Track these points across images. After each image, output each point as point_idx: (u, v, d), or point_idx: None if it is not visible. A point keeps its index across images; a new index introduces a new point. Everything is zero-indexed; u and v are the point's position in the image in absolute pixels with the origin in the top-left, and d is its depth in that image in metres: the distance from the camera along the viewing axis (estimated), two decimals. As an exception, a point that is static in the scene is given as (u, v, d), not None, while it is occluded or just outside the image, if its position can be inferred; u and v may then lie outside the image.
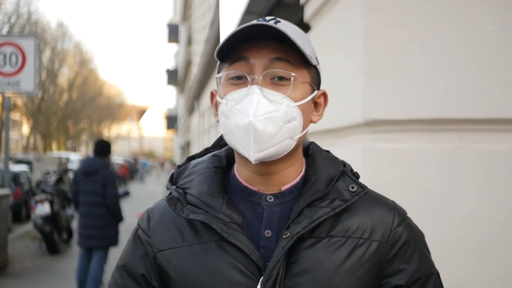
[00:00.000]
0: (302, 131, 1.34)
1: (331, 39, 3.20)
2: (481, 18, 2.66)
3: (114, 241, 7.37)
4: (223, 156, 1.46)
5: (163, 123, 78.36)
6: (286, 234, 1.29)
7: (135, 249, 1.41)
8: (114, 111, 65.22)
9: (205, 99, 19.91)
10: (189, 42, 29.37)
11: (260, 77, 1.28)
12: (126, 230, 8.09)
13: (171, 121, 54.14)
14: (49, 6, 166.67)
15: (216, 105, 1.42)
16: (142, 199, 23.33)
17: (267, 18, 1.31)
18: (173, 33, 49.10)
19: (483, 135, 2.66)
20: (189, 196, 1.36)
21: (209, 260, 1.31)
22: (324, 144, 1.48)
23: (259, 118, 1.25)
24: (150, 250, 1.37)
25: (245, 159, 1.34)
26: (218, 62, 1.39)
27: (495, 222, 2.64)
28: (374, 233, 1.35)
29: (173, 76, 50.06)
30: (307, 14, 3.75)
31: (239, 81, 1.31)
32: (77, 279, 7.37)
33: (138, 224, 1.44)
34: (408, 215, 1.44)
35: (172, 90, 63.87)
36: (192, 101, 25.39)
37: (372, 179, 2.54)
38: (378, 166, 2.71)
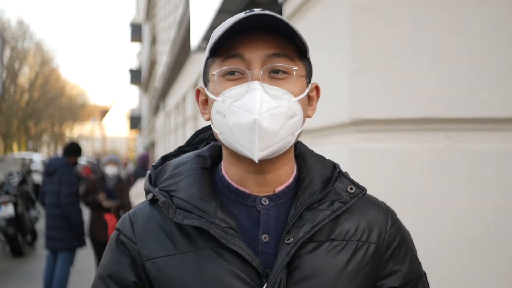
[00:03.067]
0: (301, 127, 1.29)
1: (315, 38, 3.16)
2: (469, 18, 2.66)
3: (79, 242, 7.21)
4: (207, 156, 1.38)
5: (126, 123, 77.53)
6: (289, 239, 1.24)
7: (120, 257, 1.29)
8: (76, 111, 64.22)
9: (171, 99, 19.76)
10: (154, 41, 29.13)
11: (261, 72, 1.22)
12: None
13: (135, 121, 53.44)
14: (9, 4, 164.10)
15: (203, 104, 1.36)
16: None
17: (255, 10, 1.23)
18: (136, 32, 48.55)
19: (471, 134, 2.66)
20: (177, 200, 1.28)
21: (206, 268, 1.23)
22: (306, 143, 1.43)
23: (264, 115, 1.18)
24: (138, 258, 1.27)
25: (238, 159, 1.28)
26: (206, 59, 1.31)
27: (483, 222, 2.64)
28: (371, 234, 1.33)
29: (136, 76, 49.54)
30: (287, 12, 3.71)
31: (234, 76, 1.24)
32: (44, 281, 7.28)
33: (118, 230, 1.32)
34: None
35: (135, 90, 63.27)
36: (157, 101, 25.17)
37: (358, 179, 2.49)
38: (364, 166, 2.69)
